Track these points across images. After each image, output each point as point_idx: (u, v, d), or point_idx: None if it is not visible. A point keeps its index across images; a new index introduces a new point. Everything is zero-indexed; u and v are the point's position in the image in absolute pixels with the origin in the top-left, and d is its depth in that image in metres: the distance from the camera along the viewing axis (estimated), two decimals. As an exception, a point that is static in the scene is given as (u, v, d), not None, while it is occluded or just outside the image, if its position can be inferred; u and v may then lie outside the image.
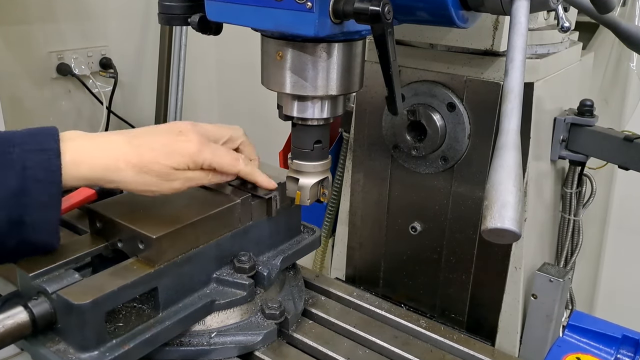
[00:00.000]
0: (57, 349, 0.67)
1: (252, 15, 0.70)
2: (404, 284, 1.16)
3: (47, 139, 0.67)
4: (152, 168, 0.71)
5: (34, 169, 0.65)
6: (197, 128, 0.77)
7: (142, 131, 0.76)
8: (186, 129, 0.76)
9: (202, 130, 0.77)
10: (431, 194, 1.07)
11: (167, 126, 0.77)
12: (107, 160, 0.70)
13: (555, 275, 1.00)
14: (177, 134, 0.75)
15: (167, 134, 0.75)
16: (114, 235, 0.77)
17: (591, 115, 1.07)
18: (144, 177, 0.71)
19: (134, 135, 0.74)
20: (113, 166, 0.70)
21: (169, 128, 0.76)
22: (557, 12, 0.71)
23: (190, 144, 0.74)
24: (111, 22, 2.21)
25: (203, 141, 0.76)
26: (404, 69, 1.04)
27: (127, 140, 0.72)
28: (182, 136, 0.74)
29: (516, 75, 0.65)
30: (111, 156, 0.70)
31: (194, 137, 0.75)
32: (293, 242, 0.94)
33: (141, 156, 0.71)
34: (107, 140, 0.72)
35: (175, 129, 0.76)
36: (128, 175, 0.71)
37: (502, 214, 0.59)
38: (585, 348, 0.83)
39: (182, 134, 0.75)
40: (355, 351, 0.83)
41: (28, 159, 0.65)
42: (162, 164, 0.72)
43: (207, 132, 0.78)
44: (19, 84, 1.98)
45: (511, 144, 0.63)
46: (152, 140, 0.73)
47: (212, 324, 0.80)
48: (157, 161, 0.72)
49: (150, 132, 0.75)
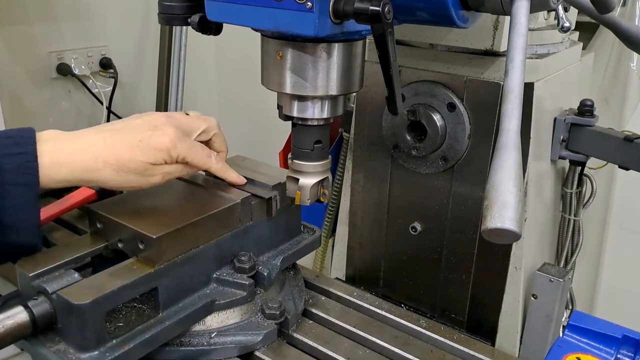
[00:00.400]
0: (57, 349, 0.67)
1: (252, 15, 0.70)
2: (404, 284, 1.16)
3: (23, 141, 0.68)
4: (130, 166, 0.73)
5: (12, 172, 0.66)
6: (172, 120, 0.78)
7: (118, 127, 0.76)
8: (161, 122, 0.76)
9: (177, 123, 0.78)
10: (431, 194, 1.07)
11: (142, 120, 0.77)
12: (86, 161, 0.71)
13: (555, 275, 1.00)
14: (152, 128, 0.75)
15: (142, 129, 0.75)
16: (114, 235, 0.77)
17: (591, 115, 1.07)
18: (123, 175, 0.73)
19: (111, 132, 0.74)
20: (92, 167, 0.71)
21: (144, 122, 0.77)
22: (557, 12, 0.70)
23: (166, 138, 0.75)
24: (111, 22, 2.20)
25: (178, 134, 0.77)
26: (404, 69, 1.04)
27: (104, 140, 0.73)
28: (157, 130, 0.75)
29: (516, 75, 0.65)
30: (89, 157, 0.71)
31: (169, 130, 0.76)
32: (293, 242, 0.94)
33: (118, 155, 0.72)
34: (85, 141, 0.73)
35: (150, 123, 0.76)
36: (107, 175, 0.72)
37: (502, 214, 0.59)
38: (585, 348, 0.83)
39: (157, 128, 0.75)
40: (355, 351, 0.83)
41: (5, 162, 0.66)
42: (140, 161, 0.73)
43: (181, 125, 0.79)
44: (19, 84, 1.98)
45: (511, 144, 0.63)
46: (128, 138, 0.74)
47: (212, 324, 0.80)
48: (134, 159, 0.73)
49: (127, 128, 0.76)
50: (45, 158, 0.68)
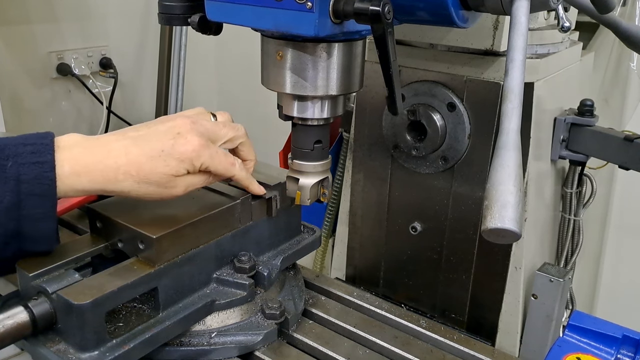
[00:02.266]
0: (57, 349, 0.67)
1: (252, 15, 0.70)
2: (404, 284, 1.16)
3: (41, 150, 0.66)
4: (152, 178, 0.70)
5: (29, 183, 0.64)
6: (197, 127, 0.75)
7: (142, 134, 0.73)
8: (185, 129, 0.73)
9: (202, 130, 0.75)
10: (431, 194, 1.07)
11: (166, 127, 0.74)
12: (107, 173, 0.69)
13: (555, 275, 1.00)
14: (175, 136, 0.72)
15: (165, 137, 0.72)
16: (114, 235, 0.77)
17: (591, 115, 1.07)
18: (144, 186, 0.71)
19: (133, 141, 0.72)
20: (113, 178, 0.69)
21: (167, 129, 0.73)
22: (558, 12, 0.70)
23: (189, 147, 0.72)
24: (111, 22, 2.20)
25: (202, 142, 0.73)
26: (404, 69, 1.04)
27: (125, 149, 0.70)
28: (180, 139, 0.72)
29: (516, 75, 0.65)
30: (110, 167, 0.69)
31: (193, 138, 0.73)
32: (293, 242, 0.94)
33: (139, 166, 0.70)
34: (106, 150, 0.70)
35: (173, 130, 0.73)
36: (128, 186, 0.70)
37: (502, 214, 0.59)
38: (585, 348, 0.83)
39: (180, 136, 0.72)
40: (355, 351, 0.83)
41: (23, 172, 0.64)
42: (161, 173, 0.71)
43: (207, 132, 0.76)
44: (19, 84, 1.98)
45: (511, 144, 0.63)
46: (150, 148, 0.71)
47: (213, 324, 0.80)
48: (155, 170, 0.70)
49: (149, 136, 0.73)
50: (64, 167, 0.66)
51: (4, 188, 0.63)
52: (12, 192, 0.63)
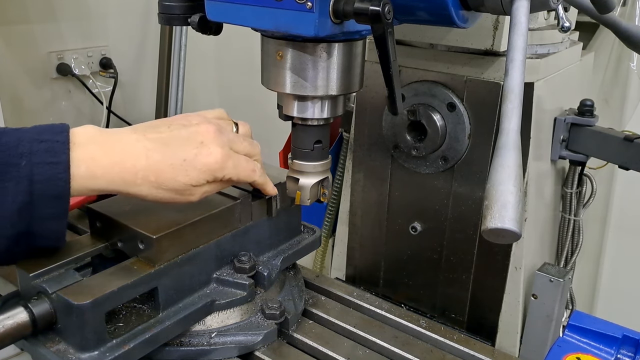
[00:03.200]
0: (57, 349, 0.67)
1: (252, 15, 0.70)
2: (404, 284, 1.16)
3: (56, 148, 0.64)
4: (170, 185, 0.69)
5: (43, 183, 0.63)
6: (221, 138, 0.73)
7: (164, 136, 0.71)
8: (209, 138, 0.72)
9: (225, 140, 0.73)
10: (431, 194, 1.07)
11: (189, 132, 0.72)
12: (125, 176, 0.67)
13: (555, 275, 1.00)
14: (199, 145, 0.71)
15: (188, 145, 0.70)
16: (114, 235, 0.77)
17: (591, 115, 1.07)
18: (160, 192, 0.70)
19: (154, 144, 0.69)
20: (131, 181, 0.68)
21: (191, 135, 0.71)
22: (558, 12, 0.70)
23: (212, 159, 0.71)
24: (111, 22, 2.20)
25: (225, 154, 0.72)
26: (404, 69, 1.04)
27: (146, 152, 0.68)
28: (204, 148, 0.71)
29: (516, 75, 0.65)
30: (129, 171, 0.67)
31: (216, 150, 0.71)
32: (293, 242, 0.94)
33: (159, 173, 0.68)
34: (126, 151, 0.68)
35: (197, 137, 0.71)
36: (145, 190, 0.69)
37: (502, 214, 0.59)
38: (585, 348, 0.83)
39: (204, 145, 0.71)
40: (355, 351, 0.83)
41: (36, 172, 0.62)
42: (181, 182, 0.70)
43: (230, 142, 0.74)
44: (19, 84, 1.98)
45: (511, 144, 0.63)
46: (172, 155, 0.69)
47: (212, 324, 0.80)
48: (175, 179, 0.69)
49: (172, 140, 0.71)
50: (81, 168, 0.65)
51: (17, 188, 0.62)
52: (25, 193, 0.62)
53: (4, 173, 0.61)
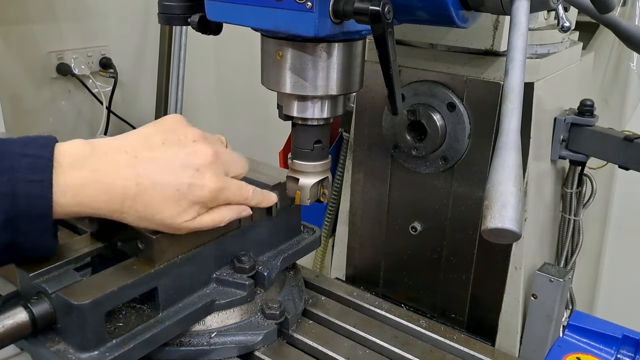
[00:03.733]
0: (57, 349, 0.66)
1: (252, 15, 0.70)
2: (404, 284, 1.16)
3: (40, 165, 0.62)
4: (158, 217, 0.68)
5: (25, 199, 0.61)
6: (218, 165, 0.70)
7: (155, 159, 0.68)
8: (205, 164, 0.69)
9: (221, 166, 0.72)
10: (431, 194, 1.07)
11: (186, 153, 0.69)
12: (112, 203, 0.66)
13: (555, 275, 1.00)
14: (194, 172, 0.68)
15: (182, 173, 0.68)
16: (114, 235, 0.77)
17: (591, 115, 1.07)
18: (146, 222, 0.69)
19: (145, 168, 0.67)
20: (117, 209, 0.66)
21: (187, 157, 0.69)
22: (558, 12, 0.70)
23: (205, 191, 0.69)
24: (111, 22, 2.21)
25: (219, 184, 0.70)
26: (404, 69, 1.04)
27: (137, 178, 0.66)
28: (198, 178, 0.68)
29: (516, 75, 0.65)
30: (117, 197, 0.65)
31: (212, 180, 0.69)
32: (293, 242, 0.94)
33: (148, 203, 0.67)
34: (115, 174, 0.65)
35: (194, 162, 0.69)
36: (129, 218, 0.68)
37: (502, 214, 0.59)
38: (585, 348, 0.83)
39: (199, 173, 0.68)
40: (355, 351, 0.83)
41: (18, 189, 0.61)
42: (170, 214, 0.68)
43: (226, 167, 0.73)
44: (19, 84, 1.98)
45: (511, 144, 0.63)
46: (164, 184, 0.67)
47: (212, 324, 0.80)
48: (164, 209, 0.67)
49: (165, 166, 0.68)
50: (67, 195, 0.63)
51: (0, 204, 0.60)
52: (7, 210, 0.61)
53: None
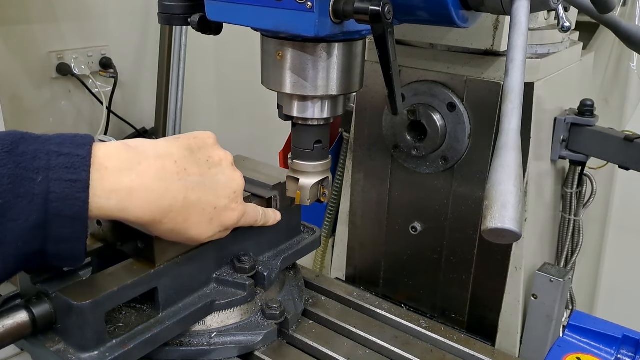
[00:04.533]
0: (57, 349, 0.66)
1: (252, 15, 0.70)
2: (404, 284, 1.16)
3: (76, 164, 0.58)
4: (189, 230, 0.69)
5: (59, 202, 0.57)
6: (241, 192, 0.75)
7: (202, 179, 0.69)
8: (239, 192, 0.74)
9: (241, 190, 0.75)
10: (431, 194, 1.07)
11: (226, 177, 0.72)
12: (156, 214, 0.64)
13: (555, 275, 1.00)
14: (231, 195, 0.72)
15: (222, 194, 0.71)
16: (114, 235, 0.77)
17: (591, 115, 1.07)
18: (175, 236, 0.69)
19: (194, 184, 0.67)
20: (159, 219, 0.65)
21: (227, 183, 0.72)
22: (558, 12, 0.70)
23: (235, 215, 0.74)
24: (111, 22, 2.20)
25: (243, 210, 0.76)
26: (404, 69, 1.04)
27: (186, 192, 0.66)
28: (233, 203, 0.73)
29: (516, 75, 0.65)
30: (163, 210, 0.64)
31: (239, 207, 0.75)
32: (293, 242, 0.94)
33: (189, 215, 0.67)
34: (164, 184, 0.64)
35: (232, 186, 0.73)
36: (163, 230, 0.67)
37: (502, 214, 0.59)
38: (585, 348, 0.83)
39: (235, 198, 0.73)
40: (355, 351, 0.83)
41: (53, 190, 0.57)
42: (201, 230, 0.71)
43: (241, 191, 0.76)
44: (19, 84, 1.98)
45: (511, 144, 0.63)
46: (206, 202, 0.69)
47: (212, 324, 0.80)
48: (200, 225, 0.70)
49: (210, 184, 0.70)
50: (111, 200, 0.60)
51: (31, 206, 0.56)
52: (39, 212, 0.57)
53: (17, 188, 0.56)
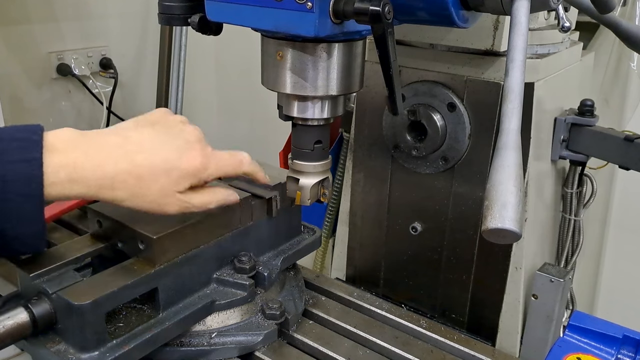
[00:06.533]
0: (57, 349, 0.67)
1: (252, 15, 0.70)
2: (405, 284, 1.16)
3: (29, 146, 0.61)
4: (150, 189, 0.67)
5: (15, 182, 0.60)
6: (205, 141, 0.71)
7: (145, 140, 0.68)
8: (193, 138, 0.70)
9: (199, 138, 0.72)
10: (431, 194, 1.07)
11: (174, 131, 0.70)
12: (104, 180, 0.64)
13: (555, 275, 1.00)
14: (183, 144, 0.69)
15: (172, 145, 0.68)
16: (114, 235, 0.77)
17: (592, 115, 1.07)
18: (138, 199, 0.67)
19: (136, 146, 0.67)
20: (109, 185, 0.65)
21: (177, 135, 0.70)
22: (558, 12, 0.70)
23: (197, 161, 0.69)
24: (111, 22, 2.20)
25: (208, 153, 0.71)
26: (404, 69, 1.04)
27: (127, 155, 0.66)
28: (188, 150, 0.69)
29: (517, 75, 0.65)
30: (108, 174, 0.64)
31: (202, 150, 0.70)
32: (293, 243, 0.94)
33: (140, 176, 0.66)
34: (106, 154, 0.65)
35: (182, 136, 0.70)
36: (121, 195, 0.66)
37: (502, 214, 0.59)
38: (585, 348, 0.83)
39: (189, 144, 0.69)
40: (355, 351, 0.83)
41: (9, 170, 0.60)
42: (162, 185, 0.67)
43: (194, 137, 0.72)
44: (19, 84, 1.98)
45: (511, 144, 0.63)
46: (155, 155, 0.67)
47: (213, 324, 0.80)
48: (157, 181, 0.67)
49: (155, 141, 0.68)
50: (60, 174, 0.62)
51: None
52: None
53: None
